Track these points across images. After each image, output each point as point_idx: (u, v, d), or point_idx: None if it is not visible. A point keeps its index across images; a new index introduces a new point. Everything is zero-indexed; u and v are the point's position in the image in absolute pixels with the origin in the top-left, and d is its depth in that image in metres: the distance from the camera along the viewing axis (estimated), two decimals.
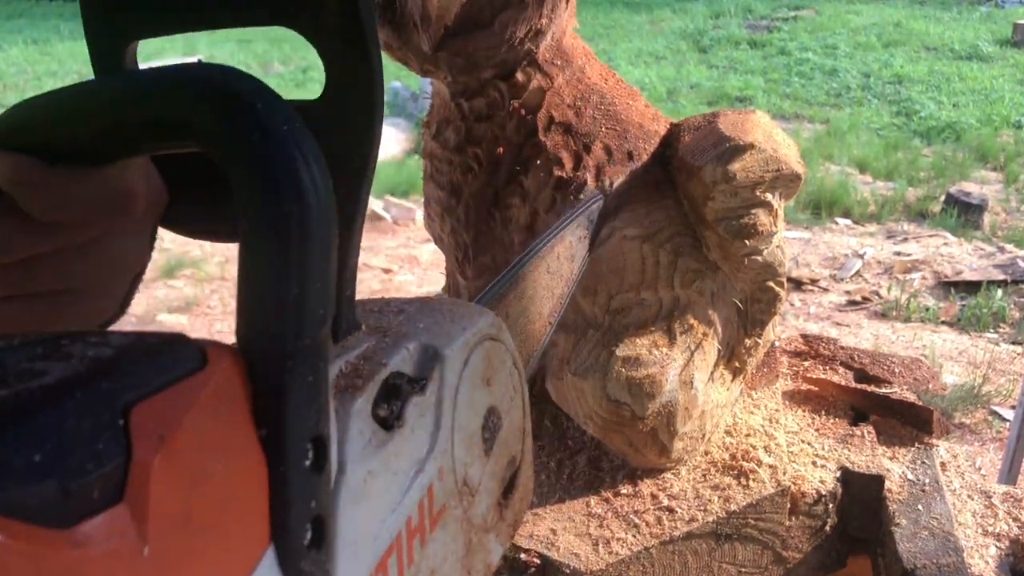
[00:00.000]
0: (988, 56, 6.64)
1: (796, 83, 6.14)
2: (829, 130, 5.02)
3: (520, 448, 0.37)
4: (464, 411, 0.31)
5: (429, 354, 0.30)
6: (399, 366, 0.28)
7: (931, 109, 5.33)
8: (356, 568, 0.25)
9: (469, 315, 0.33)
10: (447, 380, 0.30)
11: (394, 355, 0.28)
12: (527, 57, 0.64)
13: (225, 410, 0.20)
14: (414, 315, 0.32)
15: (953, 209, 3.63)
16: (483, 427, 0.33)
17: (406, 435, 0.28)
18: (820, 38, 7.36)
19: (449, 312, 0.33)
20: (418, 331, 0.31)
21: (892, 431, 0.79)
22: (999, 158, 4.46)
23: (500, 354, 0.34)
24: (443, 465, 0.30)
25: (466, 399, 0.32)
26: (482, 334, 0.33)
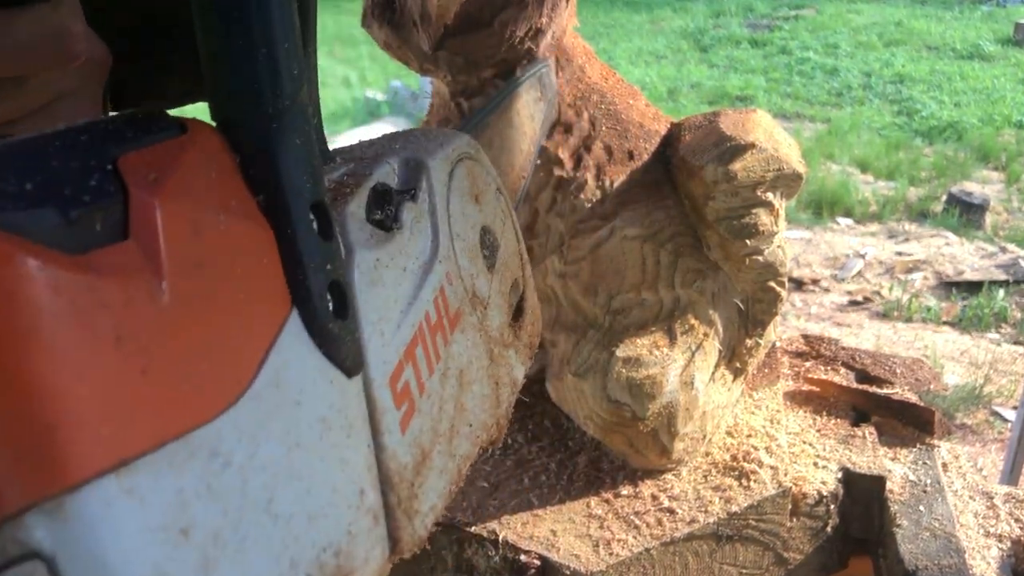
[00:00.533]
0: (990, 55, 6.63)
1: (797, 82, 6.13)
2: (830, 129, 5.02)
3: (521, 273, 0.37)
4: (459, 222, 0.31)
5: (412, 165, 0.29)
6: (384, 178, 0.28)
7: (932, 108, 5.32)
8: (385, 351, 0.24)
9: (443, 136, 0.33)
10: (436, 189, 0.30)
11: (377, 168, 0.28)
12: (527, 56, 0.64)
13: (215, 170, 0.19)
14: (386, 142, 0.32)
15: (955, 209, 3.63)
16: (481, 243, 0.33)
17: (406, 236, 0.27)
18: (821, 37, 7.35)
19: (423, 134, 0.32)
20: (395, 149, 0.30)
21: (893, 432, 0.78)
22: (1001, 158, 4.46)
23: (482, 174, 0.34)
24: (450, 270, 0.30)
25: (458, 211, 0.31)
26: (461, 151, 0.32)
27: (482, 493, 0.66)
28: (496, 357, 0.32)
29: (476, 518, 0.63)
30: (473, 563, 0.62)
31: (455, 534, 0.62)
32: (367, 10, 0.63)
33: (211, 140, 0.20)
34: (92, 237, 0.16)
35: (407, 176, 0.29)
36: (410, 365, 0.25)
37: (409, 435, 0.25)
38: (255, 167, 0.20)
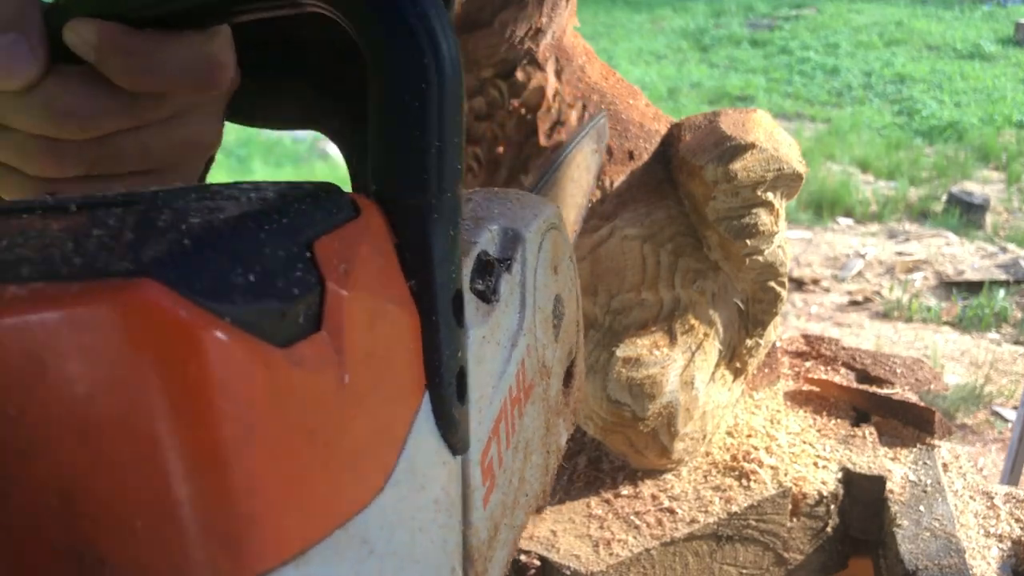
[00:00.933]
0: (990, 55, 6.63)
1: (797, 82, 6.13)
2: (830, 129, 5.02)
3: (576, 340, 0.37)
4: (541, 293, 0.32)
5: (510, 236, 0.30)
6: (486, 246, 0.29)
7: (933, 108, 5.32)
8: (482, 428, 0.25)
9: (535, 204, 0.34)
10: (528, 261, 0.30)
11: (481, 235, 0.29)
12: (527, 56, 0.64)
13: (382, 256, 0.20)
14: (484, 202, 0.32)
15: (955, 209, 3.62)
16: (553, 312, 0.34)
17: (502, 309, 0.28)
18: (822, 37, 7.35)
19: (517, 200, 0.33)
20: (494, 215, 0.31)
21: (894, 432, 0.78)
22: (1001, 158, 4.46)
23: (562, 243, 0.35)
24: (530, 343, 0.30)
25: (542, 282, 0.32)
26: (550, 221, 0.33)
27: None
28: (551, 427, 0.33)
29: None
30: None
31: None
32: None
33: (379, 224, 0.21)
34: (296, 329, 0.17)
35: (504, 246, 0.30)
36: (495, 440, 0.26)
37: (488, 510, 0.26)
38: (411, 252, 0.21)
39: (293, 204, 0.19)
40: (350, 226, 0.19)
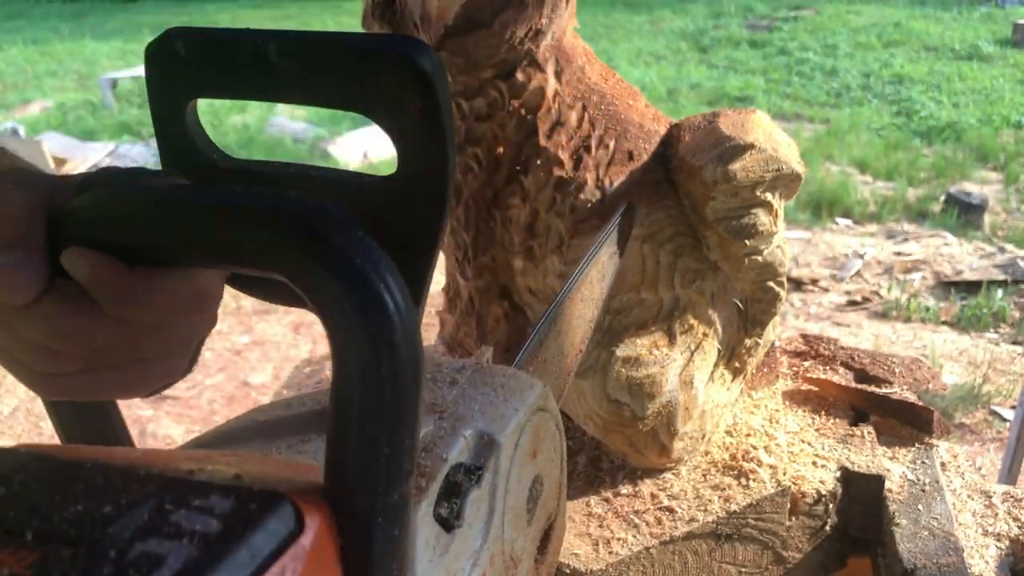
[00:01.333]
0: (988, 56, 6.63)
1: (796, 83, 6.13)
2: (829, 130, 5.02)
3: (556, 503, 0.38)
4: (514, 491, 0.33)
5: (485, 441, 0.31)
6: (458, 457, 0.30)
7: (931, 109, 5.32)
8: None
9: (520, 391, 0.34)
10: (501, 467, 0.31)
11: (453, 447, 0.30)
12: (527, 57, 0.64)
13: (323, 568, 0.21)
14: (468, 390, 0.33)
15: (953, 209, 3.63)
16: (528, 499, 0.34)
17: (465, 533, 0.29)
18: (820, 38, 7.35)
19: (502, 387, 0.34)
20: (474, 413, 0.32)
21: (892, 431, 0.78)
22: (999, 158, 4.46)
23: (547, 424, 0.36)
24: (494, 551, 0.31)
25: (516, 478, 0.33)
26: (532, 408, 0.34)
27: None
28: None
29: None
30: None
31: None
32: (367, 11, 0.63)
33: (322, 533, 0.21)
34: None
35: (479, 453, 0.31)
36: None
37: None
38: (353, 556, 0.22)
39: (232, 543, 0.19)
40: (286, 556, 0.20)
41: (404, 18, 0.60)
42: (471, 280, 0.72)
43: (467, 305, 0.74)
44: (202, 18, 10.53)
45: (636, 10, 9.21)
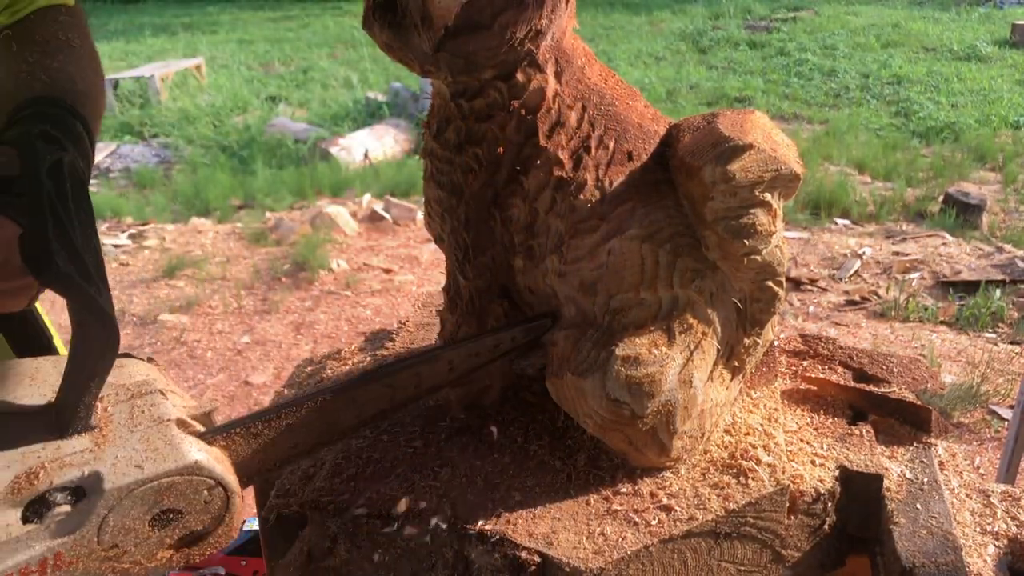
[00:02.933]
0: (986, 56, 6.64)
1: (795, 83, 6.14)
2: (828, 130, 5.03)
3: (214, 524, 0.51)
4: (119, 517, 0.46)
5: (95, 483, 0.45)
6: (67, 481, 0.44)
7: (930, 109, 5.33)
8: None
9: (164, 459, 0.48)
10: (98, 505, 0.45)
11: (67, 475, 0.44)
12: (527, 57, 0.64)
13: None
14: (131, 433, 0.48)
15: (952, 209, 3.63)
16: (152, 520, 0.48)
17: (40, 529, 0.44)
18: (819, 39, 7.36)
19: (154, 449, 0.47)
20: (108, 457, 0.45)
21: (891, 430, 0.79)
22: (998, 158, 4.47)
23: (191, 484, 0.48)
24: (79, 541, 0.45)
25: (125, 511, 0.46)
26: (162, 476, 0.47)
27: (481, 491, 0.67)
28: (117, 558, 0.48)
29: (475, 516, 0.64)
30: (473, 560, 0.63)
31: (455, 532, 0.63)
32: (368, 12, 0.63)
33: None
34: None
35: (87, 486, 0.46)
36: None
37: None
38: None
39: None
40: None
41: (405, 19, 0.61)
42: (471, 280, 0.72)
43: (467, 305, 0.74)
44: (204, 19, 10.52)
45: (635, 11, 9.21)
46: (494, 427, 0.75)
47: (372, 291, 3.26)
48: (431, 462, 0.71)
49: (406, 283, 3.32)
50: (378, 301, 3.19)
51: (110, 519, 0.46)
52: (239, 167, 4.88)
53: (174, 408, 0.51)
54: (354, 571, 0.66)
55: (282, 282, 3.37)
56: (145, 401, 0.50)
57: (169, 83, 6.67)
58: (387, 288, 3.28)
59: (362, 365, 0.93)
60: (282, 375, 2.68)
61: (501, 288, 0.72)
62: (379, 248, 3.68)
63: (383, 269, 3.46)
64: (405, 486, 0.67)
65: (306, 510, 0.67)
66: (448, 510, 0.64)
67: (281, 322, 3.06)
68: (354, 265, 3.51)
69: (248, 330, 3.01)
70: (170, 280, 3.40)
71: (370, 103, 5.84)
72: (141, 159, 5.32)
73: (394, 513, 0.64)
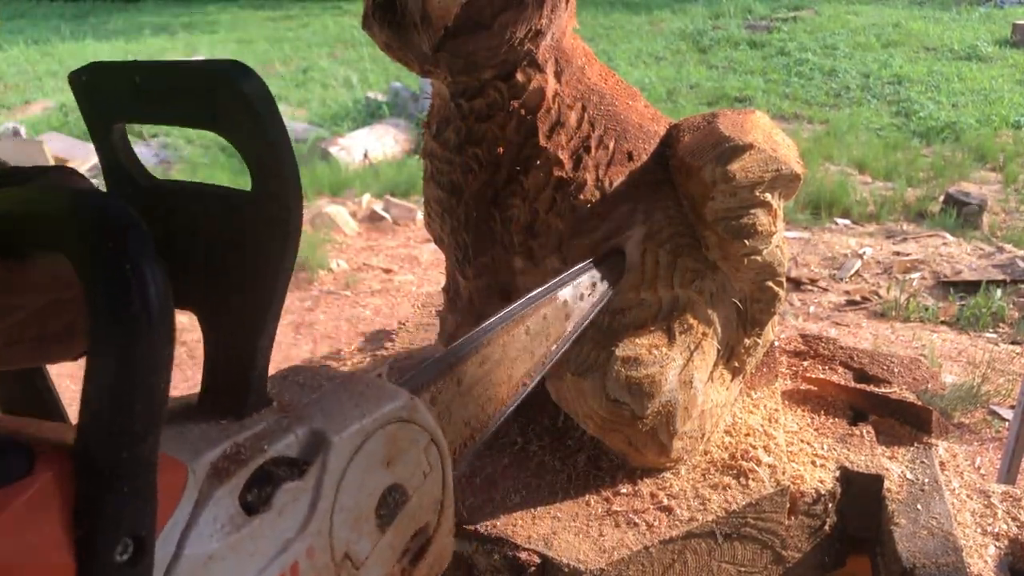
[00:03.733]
0: (987, 56, 6.64)
1: (795, 83, 6.14)
2: (828, 130, 5.02)
3: (435, 519, 0.40)
4: (351, 493, 0.34)
5: (317, 439, 0.33)
6: (283, 451, 0.32)
7: (930, 109, 5.33)
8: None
9: (378, 399, 0.36)
10: (331, 466, 0.33)
11: (279, 440, 0.32)
12: (527, 57, 0.64)
13: (38, 515, 0.24)
14: (326, 395, 0.36)
15: (952, 209, 3.63)
16: (380, 504, 0.36)
17: (271, 518, 0.31)
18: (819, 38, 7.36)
19: (360, 395, 0.36)
20: (316, 414, 0.34)
21: (891, 431, 0.79)
22: (998, 158, 4.46)
23: (408, 435, 0.37)
24: (314, 544, 0.33)
25: (355, 482, 0.34)
26: (387, 417, 0.36)
27: (481, 491, 0.67)
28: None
29: (476, 516, 0.63)
30: (473, 561, 0.63)
31: (455, 532, 0.63)
32: (368, 12, 0.63)
33: (52, 479, 0.24)
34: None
35: (308, 449, 0.33)
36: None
37: None
38: (82, 505, 0.24)
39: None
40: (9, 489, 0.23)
41: (404, 19, 0.61)
42: (471, 280, 0.72)
43: (467, 305, 0.74)
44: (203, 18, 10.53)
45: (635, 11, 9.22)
46: None
47: (372, 291, 3.26)
48: None
49: (406, 283, 3.32)
50: (378, 301, 3.19)
51: (341, 500, 0.33)
52: (239, 167, 4.88)
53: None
54: None
55: None
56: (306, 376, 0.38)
57: None
58: (387, 288, 3.28)
59: (361, 365, 0.92)
60: None
61: (501, 288, 0.72)
62: (379, 248, 3.68)
63: (383, 269, 3.46)
64: None
65: None
66: None
67: (281, 322, 3.05)
68: (354, 265, 3.51)
69: None
70: None
71: (370, 103, 5.84)
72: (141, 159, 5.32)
73: None
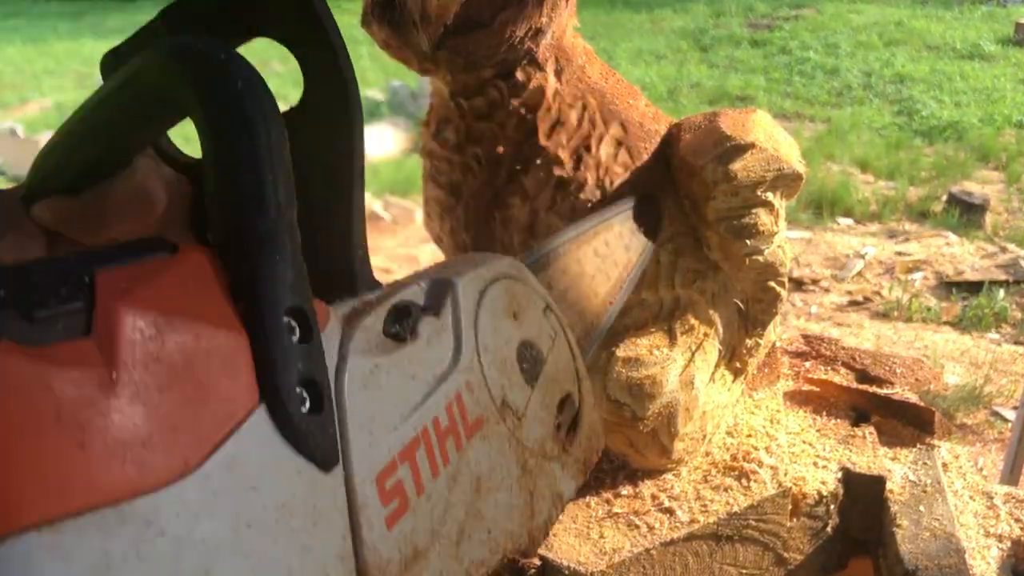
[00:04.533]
0: (990, 55, 6.63)
1: (797, 82, 6.13)
2: (830, 129, 5.02)
3: (576, 389, 0.39)
4: (489, 336, 0.33)
5: (439, 284, 0.32)
6: (410, 296, 0.31)
7: (933, 108, 5.32)
8: (374, 450, 0.26)
9: (484, 258, 0.36)
10: (462, 305, 0.32)
11: (405, 288, 0.31)
12: (527, 56, 0.64)
13: (196, 285, 0.23)
14: (432, 268, 0.35)
15: (955, 209, 3.63)
16: (519, 358, 0.35)
17: (420, 347, 0.30)
18: (821, 37, 7.35)
19: (466, 258, 0.36)
20: (434, 271, 0.34)
21: (894, 432, 0.78)
22: (1001, 158, 4.46)
23: (525, 293, 0.36)
24: (471, 380, 0.32)
25: (489, 326, 0.33)
26: (498, 271, 0.35)
27: None
28: (532, 468, 0.34)
29: None
30: None
31: None
32: (367, 10, 0.63)
33: (196, 259, 0.23)
34: (51, 335, 0.19)
35: (434, 294, 0.32)
36: (407, 465, 0.27)
37: (397, 532, 0.27)
38: (237, 279, 0.23)
39: (100, 249, 0.22)
40: (155, 263, 0.23)
41: (404, 17, 0.60)
42: None
43: None
44: None
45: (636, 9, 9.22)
46: None
47: None
48: None
49: None
50: None
51: (480, 334, 0.32)
52: None
53: None
54: None
55: None
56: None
57: None
58: None
59: None
60: None
61: None
62: (378, 248, 3.68)
63: (382, 269, 3.46)
64: None
65: None
66: None
67: None
68: None
69: None
70: None
71: (369, 102, 5.84)
72: None
73: None
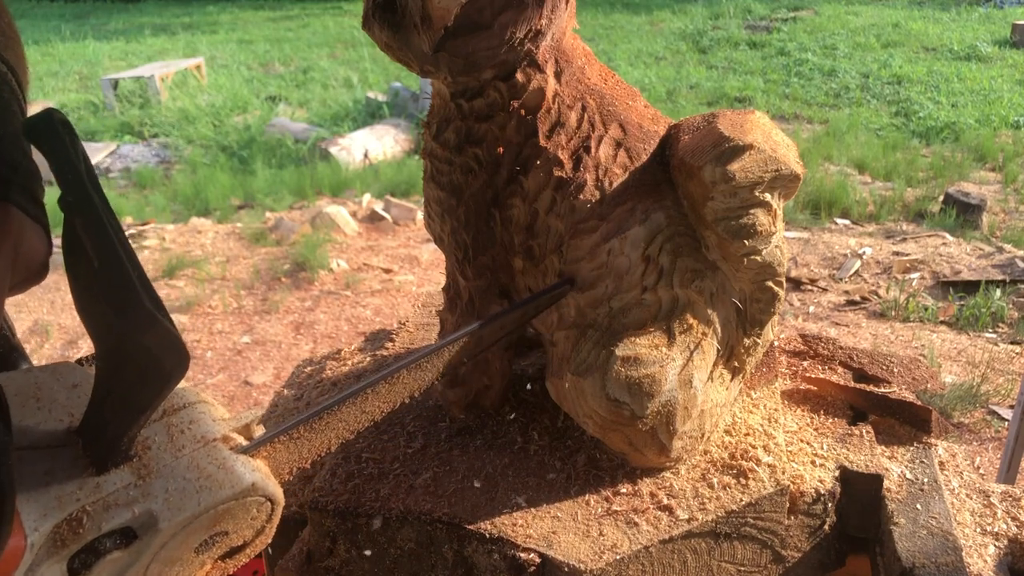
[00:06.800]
0: (987, 56, 6.64)
1: (795, 83, 6.14)
2: (828, 130, 5.03)
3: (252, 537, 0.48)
4: (170, 550, 0.42)
5: (150, 522, 0.40)
6: (119, 522, 0.39)
7: (930, 109, 5.33)
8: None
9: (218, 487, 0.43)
10: (154, 543, 0.41)
11: (116, 518, 0.39)
12: (527, 58, 0.64)
13: None
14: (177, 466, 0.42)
15: (952, 209, 3.63)
16: (198, 549, 0.44)
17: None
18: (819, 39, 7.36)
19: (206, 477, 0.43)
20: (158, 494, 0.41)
21: (891, 430, 0.79)
22: (998, 158, 4.47)
23: (244, 504, 0.45)
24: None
25: (179, 542, 0.42)
26: (225, 502, 0.43)
27: (481, 491, 0.67)
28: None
29: (476, 516, 0.64)
30: (473, 561, 0.63)
31: (455, 532, 0.63)
32: (368, 12, 0.63)
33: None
34: None
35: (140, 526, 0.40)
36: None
37: None
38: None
39: None
40: None
41: (404, 19, 0.61)
42: (471, 280, 0.72)
43: (467, 305, 0.74)
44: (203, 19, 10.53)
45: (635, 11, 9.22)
46: None
47: (372, 291, 3.26)
48: (431, 462, 0.71)
49: (406, 283, 3.32)
50: (378, 301, 3.19)
51: (161, 554, 0.41)
52: (239, 167, 4.88)
53: (215, 424, 0.46)
54: (354, 571, 0.66)
55: (282, 282, 3.37)
56: (181, 418, 0.44)
57: (169, 83, 6.67)
58: (387, 288, 3.28)
59: (361, 365, 0.93)
60: (282, 375, 2.68)
61: (501, 288, 0.72)
62: (379, 248, 3.68)
63: (383, 269, 3.46)
64: (404, 486, 0.67)
65: (306, 510, 0.67)
66: (448, 511, 0.64)
67: (281, 322, 3.06)
68: (354, 265, 3.51)
69: (248, 330, 3.01)
70: (170, 280, 3.40)
71: (370, 103, 5.84)
72: (141, 159, 5.32)
73: (393, 514, 0.64)
